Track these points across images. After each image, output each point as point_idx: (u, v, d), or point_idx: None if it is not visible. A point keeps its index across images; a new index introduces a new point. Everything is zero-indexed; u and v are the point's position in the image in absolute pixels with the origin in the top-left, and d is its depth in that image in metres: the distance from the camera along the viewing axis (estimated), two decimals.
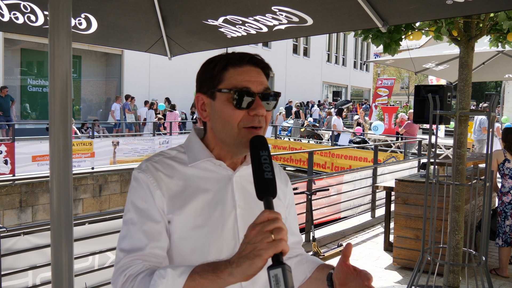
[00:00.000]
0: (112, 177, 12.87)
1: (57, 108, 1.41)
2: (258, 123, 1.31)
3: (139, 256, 1.26)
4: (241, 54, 1.38)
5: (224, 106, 1.33)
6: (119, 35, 3.77)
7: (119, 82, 21.73)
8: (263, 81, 1.36)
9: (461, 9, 2.53)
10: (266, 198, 1.13)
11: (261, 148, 1.20)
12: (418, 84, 7.57)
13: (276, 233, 1.05)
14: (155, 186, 1.32)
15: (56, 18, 1.37)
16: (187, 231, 1.31)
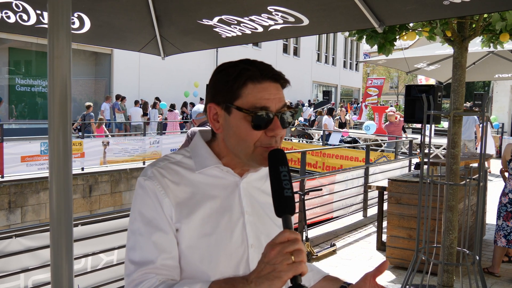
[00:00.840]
0: (102, 177, 12.77)
1: (57, 109, 1.38)
2: (275, 143, 1.28)
3: (151, 270, 1.22)
4: (262, 68, 1.31)
5: (241, 125, 1.28)
6: (112, 34, 3.74)
7: (109, 82, 21.61)
8: (282, 98, 1.31)
9: (458, 9, 2.53)
10: (285, 216, 1.12)
11: (280, 164, 1.18)
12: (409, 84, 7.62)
13: (297, 255, 1.04)
14: (163, 194, 1.27)
15: (55, 18, 1.34)
16: (195, 240, 1.27)
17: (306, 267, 1.05)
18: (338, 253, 6.44)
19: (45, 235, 3.86)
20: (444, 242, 4.09)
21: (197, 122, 4.99)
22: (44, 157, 11.83)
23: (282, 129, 1.29)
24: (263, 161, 1.25)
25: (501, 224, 5.40)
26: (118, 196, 13.04)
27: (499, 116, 20.23)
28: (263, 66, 1.32)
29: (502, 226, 5.39)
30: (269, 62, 1.31)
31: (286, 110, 1.31)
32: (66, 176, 1.40)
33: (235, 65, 1.33)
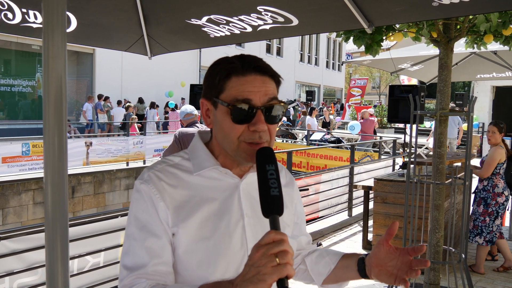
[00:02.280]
0: (85, 178, 12.63)
1: (52, 109, 1.35)
2: (259, 139, 1.23)
3: (142, 275, 1.21)
4: (246, 60, 1.28)
5: (224, 118, 1.25)
6: (99, 34, 3.70)
7: (91, 82, 21.38)
8: (268, 91, 1.26)
9: (447, 11, 2.56)
10: (272, 216, 1.07)
11: (268, 162, 1.12)
12: (393, 84, 7.68)
13: (281, 257, 0.99)
14: (159, 198, 1.25)
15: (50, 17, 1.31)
16: (193, 244, 1.25)
17: (292, 270, 0.99)
18: None
19: (31, 238, 3.80)
20: (430, 241, 4.14)
21: (185, 123, 4.96)
22: (26, 158, 11.65)
23: (267, 124, 1.25)
24: (248, 157, 1.22)
25: (499, 223, 5.53)
26: (101, 197, 12.91)
27: (479, 116, 20.55)
28: (248, 59, 1.29)
29: (499, 224, 5.53)
30: None
31: (274, 104, 1.26)
32: (61, 176, 1.38)
33: (223, 60, 1.31)
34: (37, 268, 3.78)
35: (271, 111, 1.26)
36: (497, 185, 5.56)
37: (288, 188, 1.50)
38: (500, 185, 5.54)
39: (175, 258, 1.26)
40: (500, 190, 5.54)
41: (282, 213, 1.07)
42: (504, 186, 5.53)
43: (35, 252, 3.74)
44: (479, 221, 5.59)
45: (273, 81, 1.30)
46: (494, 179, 5.58)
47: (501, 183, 5.55)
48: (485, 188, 5.63)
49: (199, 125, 4.95)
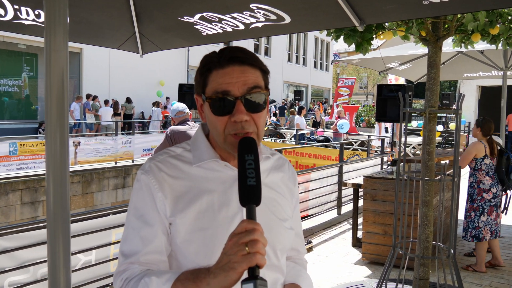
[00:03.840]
0: (73, 178, 12.53)
1: (54, 105, 1.36)
2: (241, 129, 1.24)
3: (135, 261, 1.26)
4: (223, 52, 1.29)
5: (209, 112, 1.28)
6: (90, 31, 3.69)
7: (78, 81, 21.21)
8: (248, 80, 1.26)
9: (437, 9, 2.60)
10: (249, 206, 1.07)
11: (247, 152, 1.13)
12: (381, 84, 7.76)
13: (251, 246, 1.01)
14: (157, 188, 1.28)
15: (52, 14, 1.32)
16: (191, 234, 1.27)
17: (263, 259, 1.01)
18: (315, 250, 6.51)
19: (21, 236, 3.77)
20: (420, 237, 4.19)
21: (176, 121, 4.96)
22: (13, 158, 11.54)
23: (251, 114, 1.25)
24: (235, 149, 1.21)
25: (486, 220, 5.60)
26: (89, 197, 12.83)
27: (465, 115, 20.79)
28: (226, 51, 1.29)
29: (488, 221, 5.59)
30: None
31: (254, 92, 1.26)
32: (63, 172, 1.39)
33: (205, 55, 1.33)
34: (28, 266, 3.76)
35: (252, 100, 1.26)
36: (482, 181, 5.65)
37: (290, 182, 1.52)
38: (485, 181, 5.62)
39: (174, 247, 1.30)
40: (486, 187, 5.62)
41: (258, 203, 1.08)
42: (492, 183, 5.60)
43: (26, 250, 3.73)
44: (466, 217, 5.71)
45: (255, 69, 1.29)
46: (477, 175, 5.69)
47: (487, 179, 5.62)
48: (471, 184, 5.74)
49: (191, 123, 4.95)
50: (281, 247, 1.40)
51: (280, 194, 1.45)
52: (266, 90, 1.31)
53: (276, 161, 1.51)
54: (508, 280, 5.38)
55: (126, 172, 13.76)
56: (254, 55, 1.32)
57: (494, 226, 5.64)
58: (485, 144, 5.65)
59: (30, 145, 11.99)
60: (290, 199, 1.51)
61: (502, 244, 6.78)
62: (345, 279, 5.41)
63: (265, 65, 1.35)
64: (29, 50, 19.34)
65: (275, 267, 1.37)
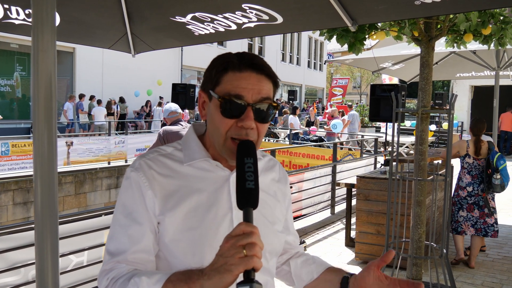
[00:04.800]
0: (66, 178, 12.48)
1: (41, 106, 1.34)
2: (245, 136, 1.23)
3: (122, 260, 1.24)
4: (244, 57, 1.29)
5: (215, 111, 1.27)
6: (82, 31, 3.67)
7: (71, 81, 21.11)
8: (262, 90, 1.26)
9: (428, 9, 2.60)
10: (246, 209, 1.07)
11: (246, 155, 1.13)
12: (373, 84, 7.78)
13: (249, 249, 1.00)
14: (147, 186, 1.27)
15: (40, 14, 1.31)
16: (179, 233, 1.26)
17: (259, 262, 1.01)
18: (308, 250, 6.51)
19: (12, 237, 3.74)
20: (412, 237, 4.20)
21: (169, 121, 4.94)
22: (5, 158, 11.49)
23: (257, 123, 1.25)
24: (231, 155, 1.22)
25: (466, 215, 5.64)
26: (82, 197, 12.78)
27: (458, 115, 20.88)
28: (247, 56, 1.29)
29: (468, 217, 5.63)
30: None
31: (266, 103, 1.26)
32: (51, 173, 1.37)
33: (223, 55, 1.32)
34: (19, 268, 3.73)
35: (262, 110, 1.26)
36: (461, 179, 5.76)
37: (281, 184, 1.52)
38: (464, 179, 5.72)
39: (162, 246, 1.28)
40: (463, 185, 5.72)
41: (256, 206, 1.08)
42: (469, 182, 5.67)
43: (17, 252, 3.69)
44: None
45: (269, 81, 1.30)
46: (460, 173, 5.81)
47: (466, 178, 5.71)
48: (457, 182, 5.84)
49: (183, 123, 4.94)
50: (271, 249, 1.39)
51: (271, 196, 1.45)
52: (276, 104, 1.31)
53: (267, 163, 1.51)
54: (501, 279, 5.41)
55: (119, 172, 13.71)
56: (271, 67, 1.32)
57: (480, 224, 5.67)
58: (469, 143, 5.71)
59: (22, 145, 11.92)
60: (283, 200, 1.50)
61: (494, 243, 6.82)
62: None
63: (278, 78, 1.34)
64: (22, 50, 19.23)
65: (264, 269, 1.36)
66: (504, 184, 5.53)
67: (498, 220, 5.98)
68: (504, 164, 5.50)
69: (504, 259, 6.17)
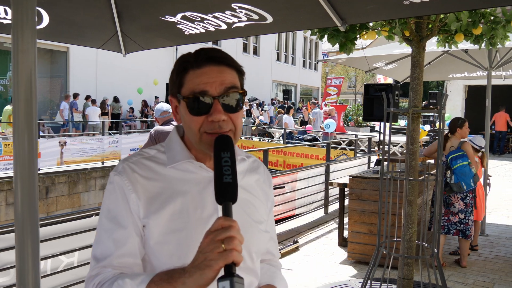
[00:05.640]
0: (59, 178, 12.43)
1: (22, 107, 1.33)
2: (219, 129, 1.24)
3: (108, 264, 1.24)
4: (198, 53, 1.29)
5: (185, 112, 1.28)
6: (72, 30, 3.65)
7: (65, 80, 21.03)
8: (225, 80, 1.26)
9: (417, 9, 2.60)
10: (225, 203, 1.07)
11: (223, 149, 1.12)
12: (367, 83, 7.78)
13: (227, 243, 1.00)
14: (130, 190, 1.27)
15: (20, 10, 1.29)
16: (164, 235, 1.26)
17: (239, 256, 1.01)
18: (301, 250, 6.51)
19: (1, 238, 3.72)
20: (404, 236, 4.20)
21: (160, 121, 4.93)
22: None
23: (228, 114, 1.25)
24: (211, 148, 1.20)
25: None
26: (76, 197, 12.73)
27: (452, 115, 20.92)
28: (203, 51, 1.29)
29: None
30: None
31: (232, 92, 1.26)
32: (31, 175, 1.36)
33: (181, 56, 1.33)
34: (9, 269, 3.70)
35: (229, 100, 1.26)
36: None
37: (265, 185, 1.52)
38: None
39: (148, 249, 1.28)
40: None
41: (235, 200, 1.08)
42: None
43: (7, 253, 3.67)
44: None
45: (232, 70, 1.30)
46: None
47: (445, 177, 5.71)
48: None
49: (175, 123, 4.92)
50: (256, 249, 1.38)
51: (255, 196, 1.44)
52: (243, 91, 1.31)
53: (251, 164, 1.50)
54: (492, 279, 5.43)
55: None
56: (230, 56, 1.32)
57: (444, 222, 5.68)
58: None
59: (12, 143, 11.85)
60: (265, 202, 1.50)
61: (486, 243, 6.85)
62: (330, 279, 5.41)
63: (241, 66, 1.34)
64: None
65: (249, 270, 1.36)
66: (460, 184, 5.45)
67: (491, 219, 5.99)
68: (459, 164, 5.46)
69: (496, 258, 6.20)
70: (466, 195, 5.61)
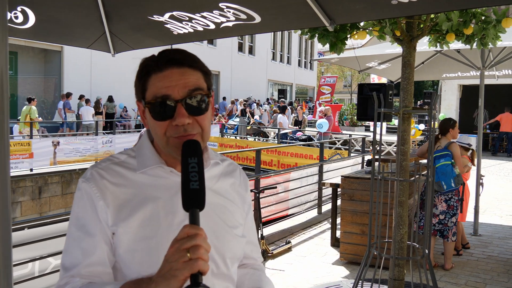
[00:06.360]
0: (52, 178, 12.37)
1: None
2: (184, 132, 1.21)
3: (76, 274, 1.21)
4: (159, 55, 1.25)
5: (149, 118, 1.25)
6: (59, 30, 3.62)
7: (59, 80, 20.94)
8: (188, 83, 1.22)
9: (405, 9, 2.59)
10: (192, 210, 1.04)
11: (190, 155, 1.08)
12: (361, 83, 7.78)
13: (193, 252, 0.97)
14: (98, 197, 1.24)
15: None
16: (134, 243, 1.23)
17: (206, 265, 0.98)
18: (293, 250, 6.49)
19: None
20: (395, 237, 4.18)
21: None
22: None
23: (193, 116, 1.22)
24: (178, 151, 1.16)
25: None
26: (69, 197, 12.66)
27: (447, 114, 20.95)
28: (164, 53, 1.26)
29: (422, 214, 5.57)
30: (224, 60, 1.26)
31: (196, 94, 1.22)
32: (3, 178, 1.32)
33: (144, 59, 1.29)
34: None
35: (194, 103, 1.23)
36: None
37: (241, 189, 1.48)
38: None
39: (118, 257, 1.25)
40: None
41: (202, 207, 1.05)
42: None
43: None
44: None
45: (196, 71, 1.26)
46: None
47: None
48: None
49: None
50: (231, 255, 1.35)
51: (230, 200, 1.41)
52: (208, 92, 1.27)
53: (226, 167, 1.47)
54: (484, 279, 5.42)
55: None
56: (194, 56, 1.28)
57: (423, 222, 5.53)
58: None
59: None
60: (242, 205, 1.46)
61: (479, 242, 6.84)
62: (322, 279, 5.39)
63: (206, 66, 1.30)
64: (9, 48, 18.99)
65: (224, 275, 1.33)
66: (440, 183, 5.39)
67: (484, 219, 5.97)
68: (441, 163, 5.42)
69: (488, 258, 6.19)
70: (451, 197, 5.52)
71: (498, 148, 19.07)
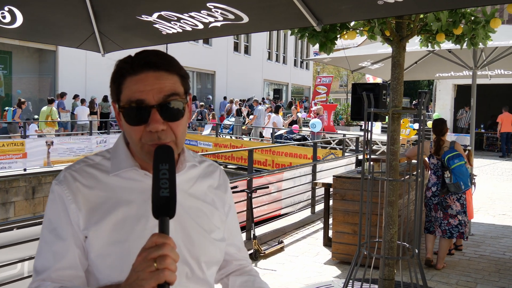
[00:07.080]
0: (46, 178, 12.33)
1: None
2: (158, 139, 1.17)
3: (46, 277, 1.19)
4: (135, 57, 1.21)
5: (124, 122, 1.21)
6: (48, 30, 3.60)
7: (54, 79, 20.87)
8: (164, 88, 1.18)
9: (392, 9, 2.60)
10: (161, 218, 1.02)
11: (162, 161, 1.05)
12: (355, 83, 7.79)
13: (160, 262, 0.96)
14: (70, 200, 1.22)
15: None
16: (106, 247, 1.21)
17: (173, 276, 0.97)
18: (286, 250, 6.49)
19: None
20: (385, 237, 4.19)
21: None
22: None
23: (168, 122, 1.18)
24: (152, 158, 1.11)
25: (435, 215, 5.65)
26: None
27: (441, 114, 20.98)
28: (141, 55, 1.21)
29: (436, 217, 5.62)
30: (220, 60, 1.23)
31: (171, 100, 1.18)
32: None
33: (120, 60, 1.25)
34: None
35: (169, 108, 1.19)
36: (429, 179, 5.80)
37: (220, 191, 1.45)
38: (431, 179, 5.75)
39: (90, 261, 1.24)
40: (429, 185, 5.75)
41: (172, 215, 1.03)
42: (435, 182, 5.69)
43: None
44: None
45: (172, 75, 1.22)
46: (429, 173, 5.84)
47: (432, 178, 5.73)
48: None
49: None
50: (207, 259, 1.33)
51: (208, 203, 1.38)
52: (184, 97, 1.24)
53: (205, 169, 1.44)
54: (475, 278, 5.43)
55: None
56: (171, 59, 1.24)
57: (445, 226, 5.62)
58: (432, 143, 5.73)
59: (1, 145, 11.74)
60: (221, 207, 1.44)
61: (471, 242, 6.85)
62: (314, 279, 5.39)
63: (184, 69, 1.27)
64: (3, 48, 18.98)
65: (200, 280, 1.31)
66: (459, 184, 5.42)
67: (477, 219, 5.99)
68: (457, 163, 5.42)
69: (480, 258, 6.21)
70: (461, 195, 5.58)
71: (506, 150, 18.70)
